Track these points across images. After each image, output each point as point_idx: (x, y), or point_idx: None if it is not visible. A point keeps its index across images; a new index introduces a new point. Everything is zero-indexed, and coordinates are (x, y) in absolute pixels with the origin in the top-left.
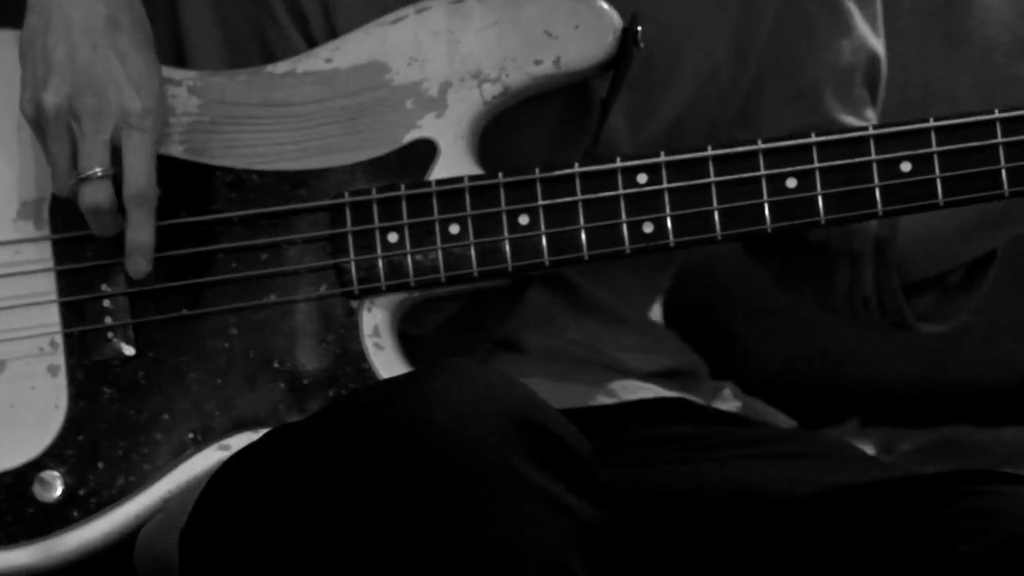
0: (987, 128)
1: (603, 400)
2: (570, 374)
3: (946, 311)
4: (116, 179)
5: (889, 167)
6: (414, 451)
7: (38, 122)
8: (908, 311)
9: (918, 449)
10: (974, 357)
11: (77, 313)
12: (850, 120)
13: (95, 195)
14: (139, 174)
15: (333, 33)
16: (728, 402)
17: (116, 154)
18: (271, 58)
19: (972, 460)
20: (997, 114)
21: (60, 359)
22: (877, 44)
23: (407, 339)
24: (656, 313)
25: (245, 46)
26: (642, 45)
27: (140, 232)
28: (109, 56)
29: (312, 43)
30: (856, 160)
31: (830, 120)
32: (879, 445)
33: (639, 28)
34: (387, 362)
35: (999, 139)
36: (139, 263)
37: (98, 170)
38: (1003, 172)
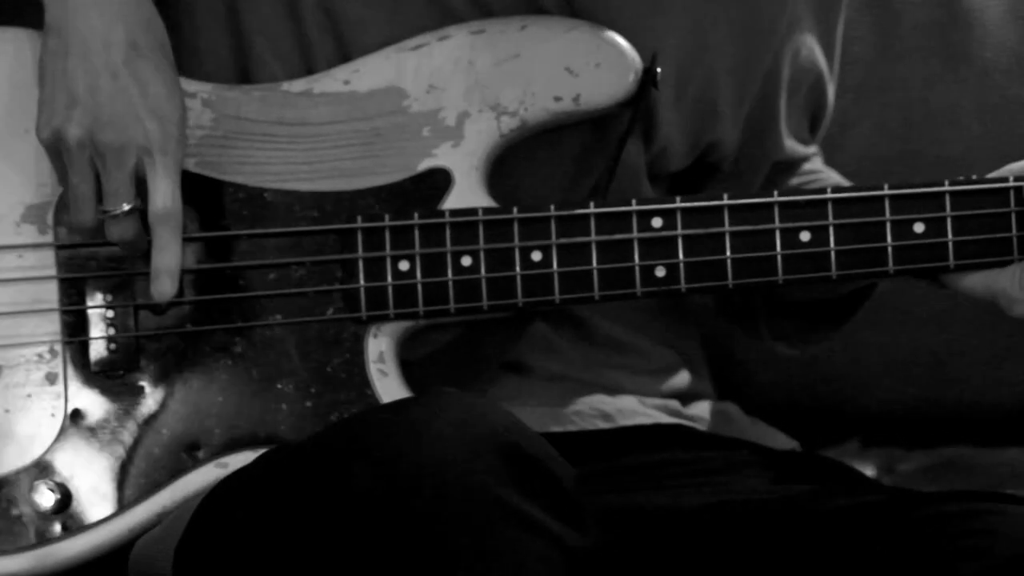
0: (1001, 195)
1: (600, 424)
2: (570, 397)
3: (806, 337)
4: (142, 210)
5: (902, 227)
6: (397, 479)
7: (57, 150)
8: (764, 329)
9: (919, 470)
10: (975, 378)
11: (79, 322)
12: (791, 144)
13: (123, 231)
14: (163, 194)
15: (343, 53)
16: (730, 423)
17: (140, 184)
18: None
19: (973, 481)
20: (1012, 182)
21: (59, 367)
22: (825, 66)
23: (403, 364)
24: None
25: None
26: (660, 88)
27: (166, 253)
28: (130, 86)
29: (310, 64)
30: (870, 219)
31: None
32: (880, 466)
33: (659, 69)
34: (390, 388)
35: (1012, 207)
36: (165, 285)
37: (125, 206)
38: (1014, 240)
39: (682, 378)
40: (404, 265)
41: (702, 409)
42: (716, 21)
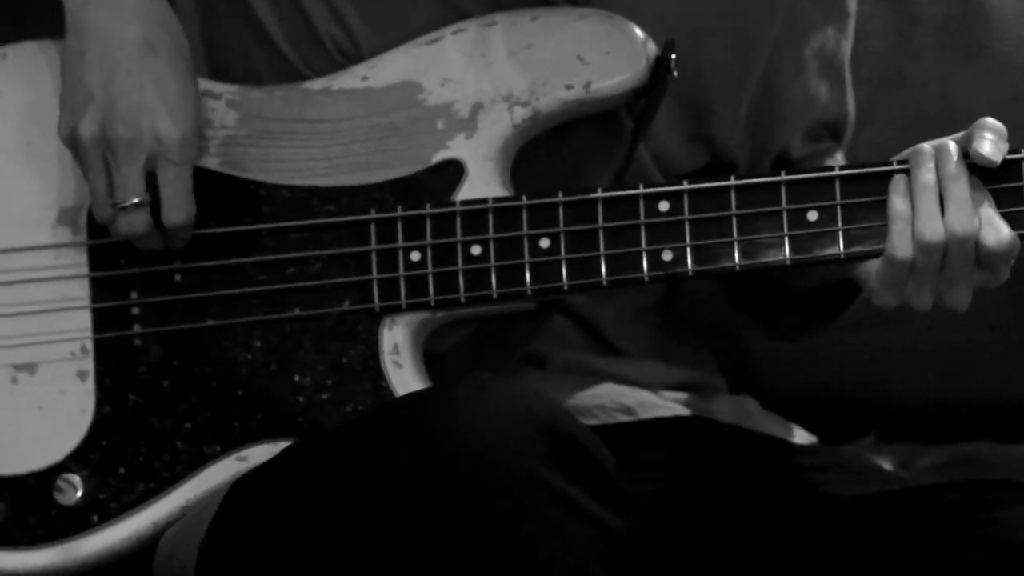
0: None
1: (622, 418)
2: (589, 389)
3: (806, 330)
4: (153, 203)
5: None
6: (443, 462)
7: (75, 148)
8: (765, 327)
9: (936, 465)
10: (993, 374)
11: (108, 319)
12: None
13: (131, 225)
14: (178, 207)
15: (358, 54)
16: (748, 417)
17: (151, 179)
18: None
19: (990, 476)
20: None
21: (90, 364)
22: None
23: (429, 356)
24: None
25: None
26: (675, 73)
27: (179, 242)
28: (144, 82)
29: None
30: (878, 198)
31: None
32: (897, 461)
33: (673, 56)
34: (404, 380)
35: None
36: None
37: (134, 199)
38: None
39: (696, 371)
40: (415, 256)
41: (721, 403)
42: (711, 19)
